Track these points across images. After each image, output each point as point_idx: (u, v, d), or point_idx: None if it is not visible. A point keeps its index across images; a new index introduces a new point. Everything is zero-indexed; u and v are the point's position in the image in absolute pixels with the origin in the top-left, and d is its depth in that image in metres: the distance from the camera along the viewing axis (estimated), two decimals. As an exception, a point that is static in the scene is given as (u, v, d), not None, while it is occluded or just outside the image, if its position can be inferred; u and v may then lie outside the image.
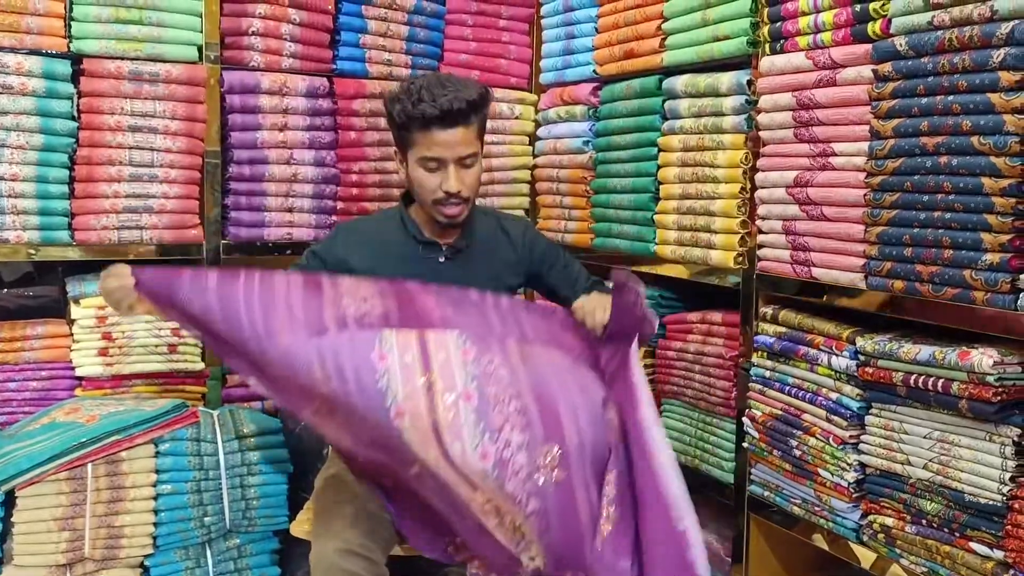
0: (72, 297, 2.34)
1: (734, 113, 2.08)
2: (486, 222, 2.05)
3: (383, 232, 2.00)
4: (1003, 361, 1.48)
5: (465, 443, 1.48)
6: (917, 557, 1.64)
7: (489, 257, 2.01)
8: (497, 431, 1.48)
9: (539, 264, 2.06)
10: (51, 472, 2.02)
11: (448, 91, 1.81)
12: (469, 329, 1.63)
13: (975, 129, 1.47)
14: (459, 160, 1.84)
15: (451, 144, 1.82)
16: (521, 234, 2.06)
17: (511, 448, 1.47)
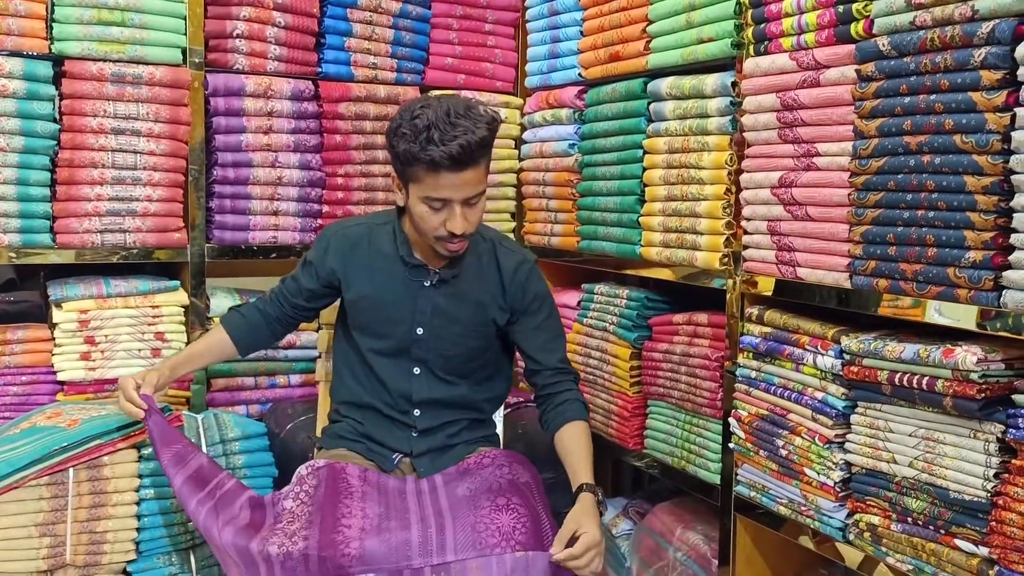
0: (54, 301, 2.32)
1: (719, 115, 2.09)
2: (483, 248, 1.97)
3: (375, 242, 1.97)
4: (987, 358, 1.48)
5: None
6: (903, 555, 1.65)
7: (477, 288, 1.95)
8: None
9: (521, 309, 1.95)
10: (31, 477, 2.00)
11: (459, 131, 1.69)
12: (386, 570, 1.61)
13: (957, 128, 1.48)
14: (466, 200, 1.76)
15: (459, 186, 1.74)
16: (514, 270, 1.95)
17: None
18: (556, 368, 1.95)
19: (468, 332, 1.95)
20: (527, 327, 1.97)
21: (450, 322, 1.94)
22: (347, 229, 2.02)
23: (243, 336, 2.05)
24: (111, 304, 2.35)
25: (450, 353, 1.96)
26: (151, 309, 2.40)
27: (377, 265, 1.96)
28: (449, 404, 1.98)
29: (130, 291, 2.38)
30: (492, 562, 1.61)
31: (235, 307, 2.17)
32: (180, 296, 2.44)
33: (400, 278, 1.94)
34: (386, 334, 1.96)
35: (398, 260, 1.94)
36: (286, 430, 2.43)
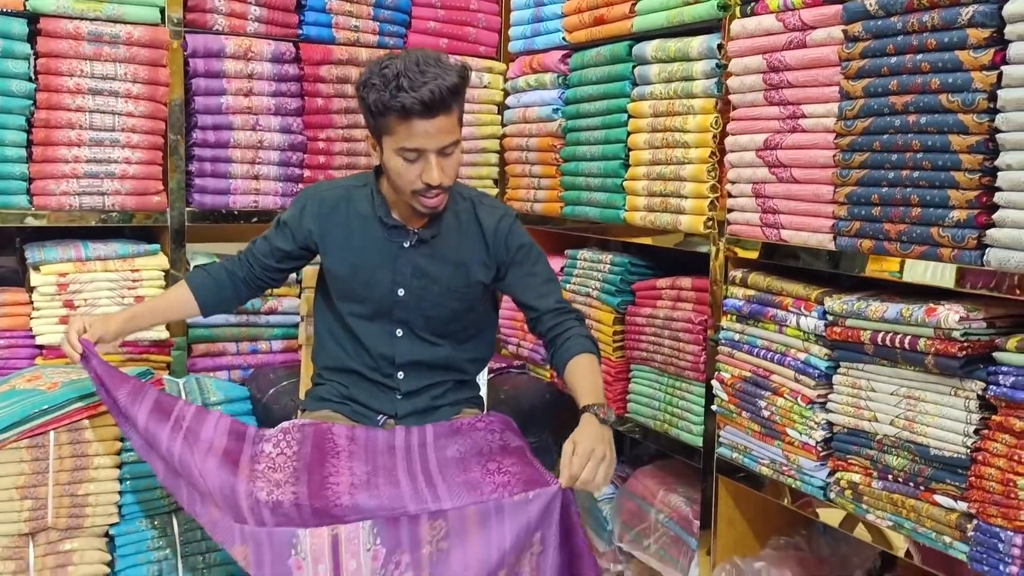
0: (32, 263, 2.28)
1: (704, 77, 2.08)
2: (461, 207, 1.96)
3: (352, 203, 1.96)
4: (968, 317, 1.50)
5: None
6: (883, 512, 1.67)
7: (457, 247, 1.94)
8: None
9: (504, 258, 1.95)
10: (11, 440, 1.98)
11: (428, 78, 1.69)
12: (382, 516, 1.61)
13: (944, 87, 1.48)
14: (440, 150, 1.76)
15: (433, 134, 1.73)
16: (495, 226, 1.94)
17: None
18: (555, 310, 1.93)
19: (449, 292, 1.95)
20: (517, 277, 1.96)
21: (431, 282, 1.93)
22: (324, 192, 2.01)
23: (207, 295, 2.02)
24: (90, 267, 2.32)
25: (432, 314, 1.95)
26: (131, 273, 2.37)
27: (355, 227, 1.94)
28: (432, 366, 1.98)
29: (109, 254, 2.35)
30: (491, 508, 1.58)
31: (200, 265, 2.12)
32: (160, 260, 2.42)
33: (379, 240, 1.93)
34: (366, 297, 1.95)
35: (376, 221, 1.93)
36: (268, 395, 2.42)
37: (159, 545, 2.15)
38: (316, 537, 1.61)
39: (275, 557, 1.61)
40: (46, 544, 2.04)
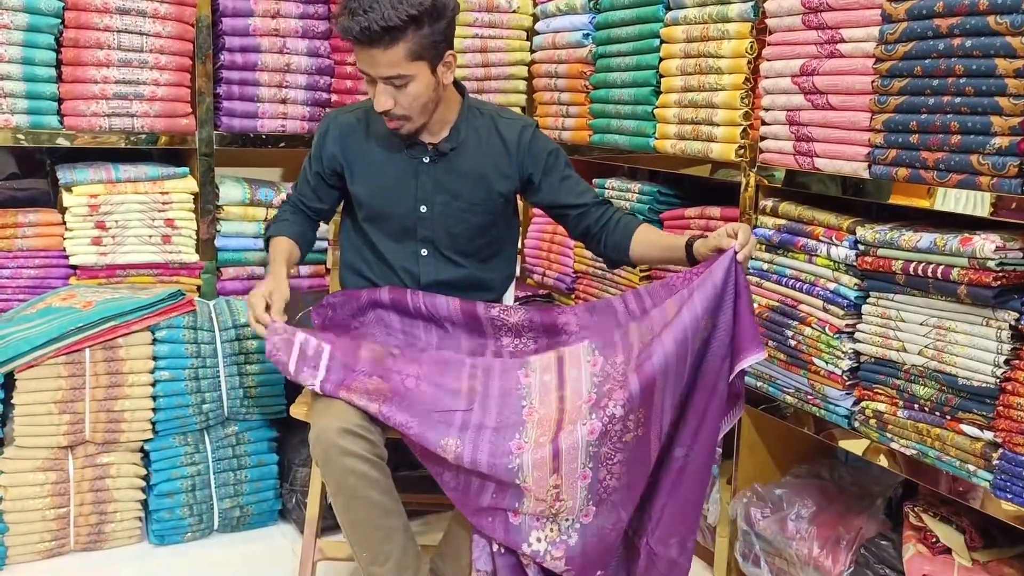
0: (64, 184, 2.30)
1: (741, 1, 2.03)
2: (480, 123, 1.98)
3: (371, 123, 1.98)
4: (1005, 246, 1.48)
5: (576, 425, 1.64)
6: (907, 440, 1.68)
7: (476, 161, 1.96)
8: (603, 409, 1.64)
9: (534, 168, 1.98)
10: (49, 356, 2.03)
11: (373, 10, 1.71)
12: (599, 337, 1.78)
13: (992, 7, 1.44)
14: (386, 79, 1.78)
15: (371, 64, 1.78)
16: (517, 137, 1.97)
17: (613, 420, 1.63)
18: (596, 203, 2.01)
19: (471, 207, 1.97)
20: (555, 182, 2.01)
21: (453, 197, 1.96)
22: (343, 115, 2.04)
23: (305, 243, 2.07)
24: (120, 189, 2.34)
25: (455, 230, 1.97)
26: (160, 195, 2.39)
27: (375, 147, 1.97)
28: (457, 285, 2.00)
29: (139, 176, 2.37)
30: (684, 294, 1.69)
31: (270, 220, 2.14)
32: (190, 183, 2.43)
33: (399, 157, 1.95)
34: (390, 215, 1.97)
35: (395, 138, 1.93)
36: (296, 318, 2.45)
37: (192, 461, 2.22)
38: (544, 358, 1.79)
39: (505, 376, 1.77)
40: (84, 457, 2.11)
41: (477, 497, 1.69)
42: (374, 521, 1.72)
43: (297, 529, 2.32)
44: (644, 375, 1.64)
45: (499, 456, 1.64)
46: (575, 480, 1.65)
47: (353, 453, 1.67)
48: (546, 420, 1.69)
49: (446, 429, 1.68)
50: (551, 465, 1.63)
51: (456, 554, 1.82)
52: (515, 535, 1.69)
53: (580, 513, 1.67)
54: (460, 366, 1.82)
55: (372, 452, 1.70)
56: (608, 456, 1.65)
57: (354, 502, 1.69)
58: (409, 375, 1.77)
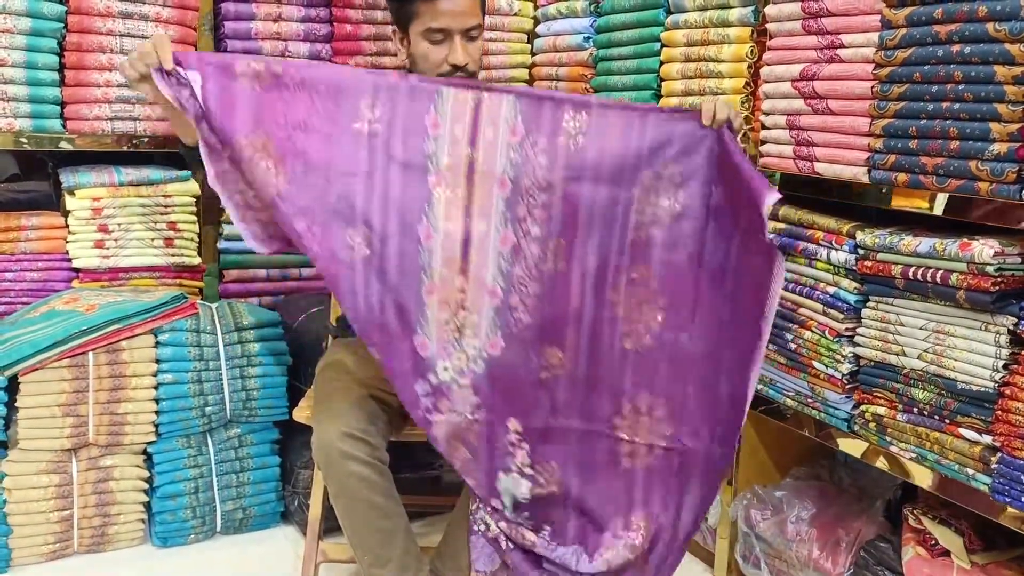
0: (67, 188, 2.31)
1: (741, 5, 2.04)
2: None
3: None
4: (1003, 251, 1.49)
5: (490, 225, 1.60)
6: (907, 444, 1.69)
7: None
8: (520, 221, 1.60)
9: None
10: (53, 359, 2.04)
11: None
12: (526, 102, 1.67)
13: (991, 15, 1.45)
14: (465, 32, 1.80)
15: (457, 14, 1.78)
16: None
17: (528, 238, 1.60)
18: None
19: None
20: None
21: None
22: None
23: None
24: (123, 193, 2.35)
25: None
26: (163, 199, 2.39)
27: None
28: None
29: (141, 180, 2.37)
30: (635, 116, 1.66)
31: None
32: (191, 186, 2.43)
33: None
34: None
35: None
36: (299, 321, 2.46)
37: (195, 463, 2.23)
38: (461, 97, 1.66)
39: (411, 115, 1.64)
40: (88, 460, 2.12)
41: (381, 320, 1.63)
42: (375, 524, 1.73)
43: (299, 531, 2.33)
44: (568, 196, 1.61)
45: (408, 246, 1.61)
46: (483, 292, 1.62)
47: (354, 457, 1.68)
48: (453, 193, 1.63)
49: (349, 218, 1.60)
50: (459, 265, 1.60)
51: (455, 555, 1.83)
52: (423, 366, 1.65)
53: (487, 342, 1.65)
54: (359, 91, 1.64)
55: (373, 456, 1.71)
56: (521, 281, 1.62)
57: (355, 505, 1.71)
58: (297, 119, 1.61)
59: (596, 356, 1.72)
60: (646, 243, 1.70)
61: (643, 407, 1.74)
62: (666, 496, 1.77)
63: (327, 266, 1.62)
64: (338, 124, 1.63)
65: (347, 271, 1.62)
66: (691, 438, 1.75)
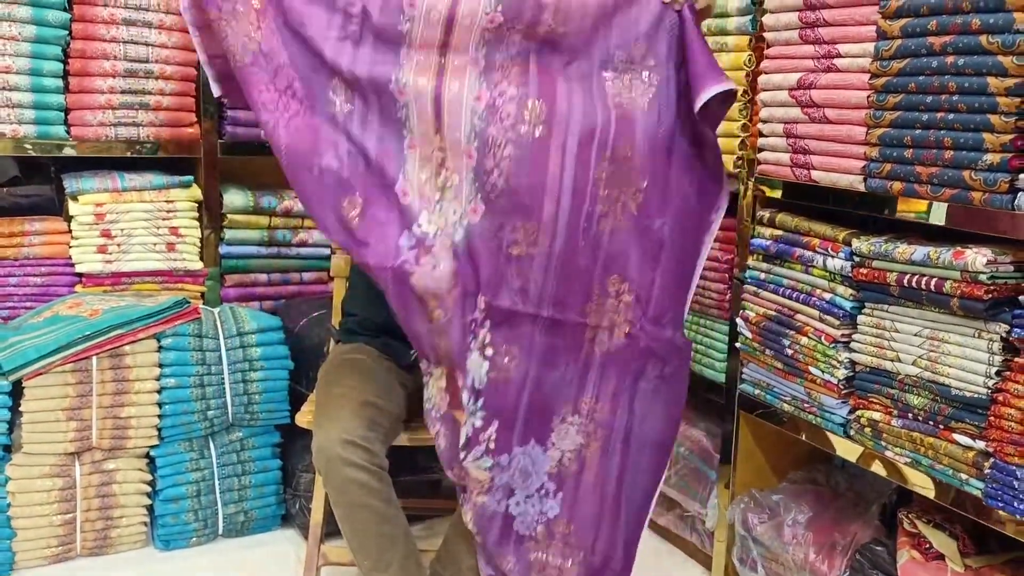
0: (70, 193, 2.33)
1: (739, 14, 2.07)
2: None
3: None
4: (996, 260, 1.51)
5: (464, 85, 1.58)
6: (901, 449, 1.71)
7: None
8: (495, 84, 1.58)
9: None
10: (57, 364, 2.06)
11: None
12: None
13: (984, 27, 1.47)
14: None
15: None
16: None
17: (504, 97, 1.58)
18: None
19: None
20: None
21: None
22: None
23: None
24: (126, 198, 2.37)
25: None
26: (165, 204, 2.41)
27: None
28: None
29: (144, 185, 2.39)
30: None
31: None
32: (194, 192, 2.46)
33: None
34: None
35: None
36: (300, 325, 2.48)
37: (197, 467, 2.25)
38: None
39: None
40: (91, 463, 2.14)
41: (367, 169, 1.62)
42: (375, 529, 1.75)
43: (300, 534, 2.34)
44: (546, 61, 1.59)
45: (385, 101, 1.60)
46: (460, 154, 1.60)
47: (354, 463, 1.70)
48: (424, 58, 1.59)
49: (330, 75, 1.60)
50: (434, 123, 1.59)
51: (455, 558, 1.85)
52: (407, 216, 1.63)
53: (468, 206, 1.62)
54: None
55: (373, 462, 1.73)
56: (496, 142, 1.59)
57: (355, 511, 1.72)
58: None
59: (573, 234, 1.66)
60: (630, 119, 1.65)
61: (612, 290, 1.71)
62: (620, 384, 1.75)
63: (308, 121, 1.62)
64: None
65: (330, 124, 1.62)
66: (653, 324, 1.73)
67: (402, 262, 1.64)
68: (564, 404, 1.74)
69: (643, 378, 1.76)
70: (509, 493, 1.75)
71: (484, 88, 1.58)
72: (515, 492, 1.75)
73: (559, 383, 1.73)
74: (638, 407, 1.77)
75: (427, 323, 1.67)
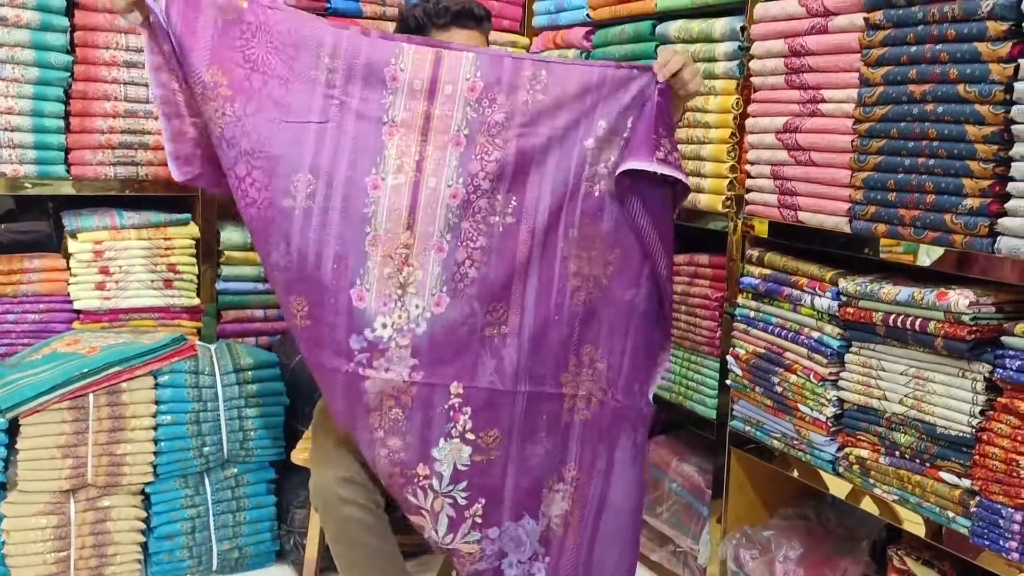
0: (69, 231, 2.36)
1: (726, 59, 2.12)
2: None
3: None
4: (978, 302, 1.55)
5: (441, 180, 1.63)
6: (889, 486, 1.74)
7: None
8: (471, 177, 1.63)
9: None
10: (54, 401, 2.07)
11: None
12: (487, 63, 1.66)
13: (962, 77, 1.52)
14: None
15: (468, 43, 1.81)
16: None
17: (478, 192, 1.63)
18: None
19: None
20: None
21: None
22: None
23: None
24: (124, 235, 2.40)
25: None
26: (163, 241, 2.44)
27: None
28: None
29: (143, 223, 2.42)
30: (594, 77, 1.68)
31: None
32: (191, 229, 2.48)
33: None
34: None
35: None
36: (296, 361, 2.49)
37: (192, 503, 2.26)
38: (420, 53, 1.65)
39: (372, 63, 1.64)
40: (86, 500, 2.15)
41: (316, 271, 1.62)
42: (372, 565, 1.76)
43: (295, 570, 2.35)
44: (522, 151, 1.63)
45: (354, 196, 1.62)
46: (429, 249, 1.63)
47: (352, 501, 1.72)
48: (406, 147, 1.64)
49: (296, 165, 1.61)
50: (406, 220, 1.62)
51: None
52: (359, 320, 1.64)
53: (431, 300, 1.65)
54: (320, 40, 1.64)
55: (370, 499, 1.74)
56: (470, 236, 1.63)
57: (353, 548, 1.74)
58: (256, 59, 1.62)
59: (544, 311, 1.70)
60: (600, 195, 1.70)
61: (586, 359, 1.75)
62: (596, 452, 1.79)
63: (262, 213, 1.62)
64: (296, 71, 1.63)
65: (283, 220, 1.62)
66: (624, 394, 1.78)
67: (356, 364, 1.65)
68: (550, 474, 1.78)
69: (619, 448, 1.80)
70: (502, 555, 1.77)
71: (460, 185, 1.63)
72: (508, 555, 1.78)
73: (543, 456, 1.77)
74: (614, 477, 1.81)
75: (369, 432, 1.68)
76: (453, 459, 1.70)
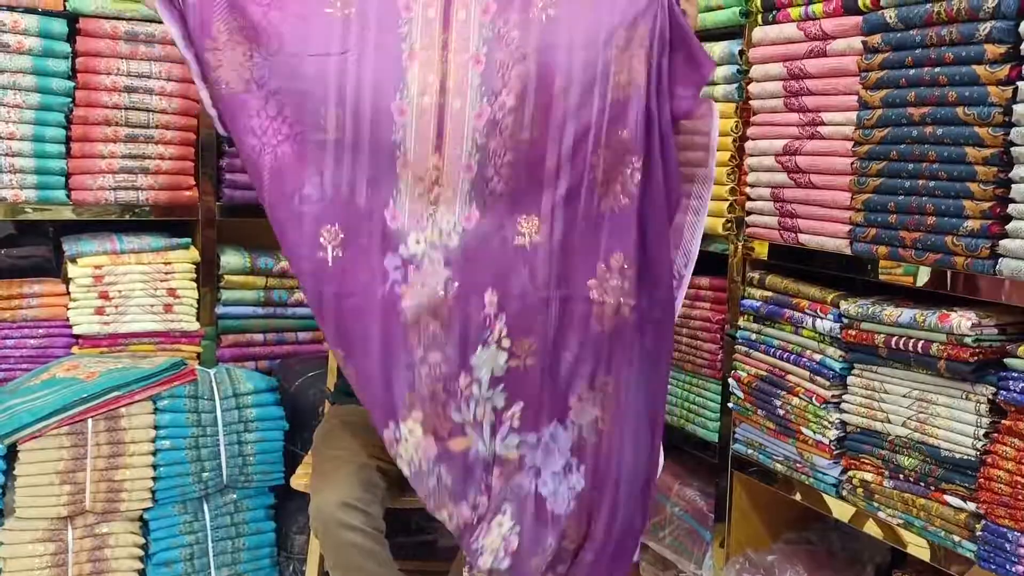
0: (69, 256, 2.36)
1: (725, 82, 2.13)
2: None
3: None
4: (980, 323, 1.54)
5: (466, 102, 1.65)
6: (894, 510, 1.72)
7: None
8: (495, 95, 1.64)
9: None
10: (52, 427, 2.06)
11: None
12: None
13: (960, 100, 1.53)
14: None
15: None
16: None
17: (503, 110, 1.64)
18: None
19: None
20: None
21: None
22: None
23: None
24: (124, 260, 2.39)
25: None
26: (163, 266, 2.44)
27: None
28: None
29: (143, 248, 2.42)
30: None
31: None
32: (192, 254, 2.48)
33: None
34: None
35: None
36: (295, 385, 2.49)
37: (191, 529, 2.24)
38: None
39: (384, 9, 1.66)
40: (84, 527, 2.13)
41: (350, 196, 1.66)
42: (372, 591, 1.75)
43: (293, 597, 2.33)
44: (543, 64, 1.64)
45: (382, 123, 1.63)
46: (458, 169, 1.65)
47: (352, 527, 1.71)
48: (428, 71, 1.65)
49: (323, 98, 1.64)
50: (434, 143, 1.64)
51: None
52: (394, 238, 1.67)
53: (462, 215, 1.68)
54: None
55: (370, 525, 1.73)
56: (497, 152, 1.65)
57: (353, 573, 1.72)
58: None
59: (572, 220, 1.74)
60: (624, 101, 1.71)
61: (615, 265, 1.76)
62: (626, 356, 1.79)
63: (296, 148, 1.66)
64: (311, 7, 1.67)
65: (318, 151, 1.66)
66: (647, 300, 1.77)
67: (391, 283, 1.68)
68: (581, 380, 1.78)
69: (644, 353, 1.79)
70: (537, 473, 1.77)
71: (485, 104, 1.65)
72: (542, 472, 1.77)
73: (573, 363, 1.77)
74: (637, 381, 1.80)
75: (409, 354, 1.69)
76: (491, 365, 1.72)
